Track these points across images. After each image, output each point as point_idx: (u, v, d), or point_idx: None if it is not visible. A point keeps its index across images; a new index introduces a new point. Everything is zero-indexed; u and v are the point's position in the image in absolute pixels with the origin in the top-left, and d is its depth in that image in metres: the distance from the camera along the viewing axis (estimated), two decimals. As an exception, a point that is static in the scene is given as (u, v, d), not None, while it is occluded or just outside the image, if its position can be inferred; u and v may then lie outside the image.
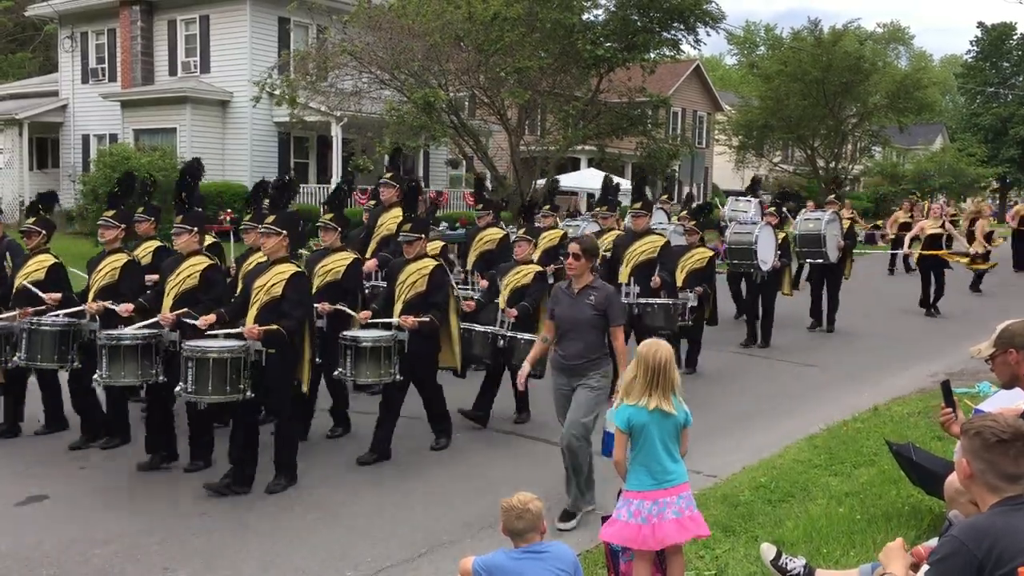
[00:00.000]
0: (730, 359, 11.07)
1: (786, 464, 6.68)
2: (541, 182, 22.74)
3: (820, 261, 12.76)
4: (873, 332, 13.06)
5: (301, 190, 25.55)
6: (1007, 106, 55.78)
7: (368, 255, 8.82)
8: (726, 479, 6.43)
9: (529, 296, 7.82)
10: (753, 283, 11.99)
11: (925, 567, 2.89)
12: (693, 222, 10.48)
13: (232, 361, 5.95)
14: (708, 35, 37.68)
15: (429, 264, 7.09)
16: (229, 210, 15.72)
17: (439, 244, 9.54)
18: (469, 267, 9.78)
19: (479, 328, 7.82)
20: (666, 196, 14.59)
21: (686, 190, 37.50)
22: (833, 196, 14.50)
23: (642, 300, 8.66)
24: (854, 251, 14.63)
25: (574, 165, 31.47)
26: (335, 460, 6.98)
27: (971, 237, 16.96)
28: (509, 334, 7.69)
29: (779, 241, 11.96)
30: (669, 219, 13.24)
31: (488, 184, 21.67)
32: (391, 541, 5.46)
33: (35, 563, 5.07)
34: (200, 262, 6.64)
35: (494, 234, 9.78)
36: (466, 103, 23.52)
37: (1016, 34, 57.72)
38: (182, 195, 7.29)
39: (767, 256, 11.68)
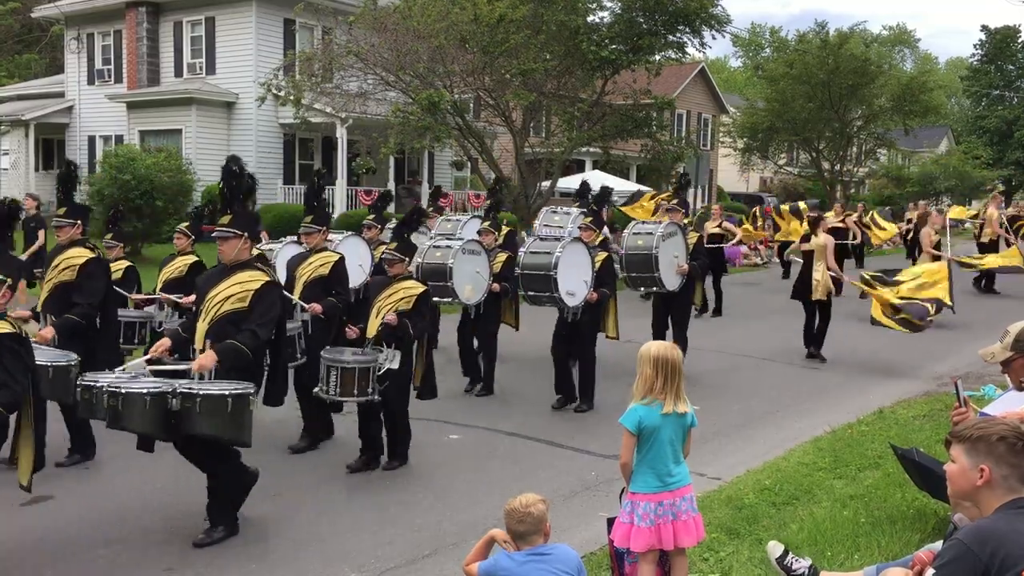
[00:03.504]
0: (732, 361, 11.05)
1: (791, 467, 6.68)
2: (546, 184, 22.77)
3: (655, 290, 9.55)
4: (876, 335, 13.02)
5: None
6: (1012, 109, 55.73)
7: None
8: (730, 482, 6.43)
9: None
10: (563, 321, 8.54)
11: (930, 571, 2.88)
12: (395, 245, 6.98)
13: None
14: (713, 38, 37.65)
15: None
16: None
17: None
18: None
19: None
20: None
21: (690, 192, 37.49)
22: (675, 201, 10.41)
23: (185, 387, 4.95)
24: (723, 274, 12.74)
25: (579, 167, 31.48)
26: (338, 460, 6.97)
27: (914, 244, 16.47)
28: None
29: (596, 264, 8.54)
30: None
31: (494, 184, 21.70)
32: (395, 542, 5.45)
33: (38, 563, 5.08)
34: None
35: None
36: (471, 105, 23.54)
37: (1020, 37, 57.69)
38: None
39: (575, 286, 8.28)
